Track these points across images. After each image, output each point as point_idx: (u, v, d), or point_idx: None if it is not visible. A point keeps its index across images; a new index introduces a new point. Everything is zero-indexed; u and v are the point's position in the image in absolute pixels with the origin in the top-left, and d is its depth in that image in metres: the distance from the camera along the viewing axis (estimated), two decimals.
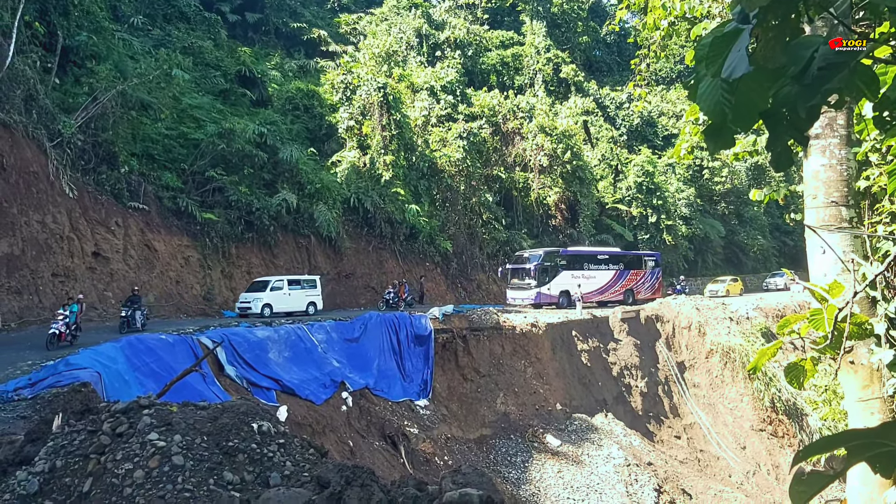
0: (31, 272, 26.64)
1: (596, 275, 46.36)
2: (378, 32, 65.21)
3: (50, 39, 31.73)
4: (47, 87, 30.98)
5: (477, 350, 33.67)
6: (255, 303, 31.51)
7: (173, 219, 34.57)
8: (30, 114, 28.87)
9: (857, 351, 6.55)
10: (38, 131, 28.66)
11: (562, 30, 78.12)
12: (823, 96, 3.12)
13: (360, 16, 70.13)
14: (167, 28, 48.11)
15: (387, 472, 22.64)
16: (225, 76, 45.98)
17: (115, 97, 31.95)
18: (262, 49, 56.38)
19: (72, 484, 7.26)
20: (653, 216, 62.17)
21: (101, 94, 31.54)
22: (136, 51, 40.61)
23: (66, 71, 33.97)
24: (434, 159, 49.75)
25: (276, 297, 32.57)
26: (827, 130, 7.04)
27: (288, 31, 60.99)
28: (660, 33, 16.42)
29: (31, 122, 28.55)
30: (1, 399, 14.74)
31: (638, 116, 73.49)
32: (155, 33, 46.68)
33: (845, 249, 6.71)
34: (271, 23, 60.25)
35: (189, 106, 39.14)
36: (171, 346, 21.07)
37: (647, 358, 42.13)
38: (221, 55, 48.23)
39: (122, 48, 38.57)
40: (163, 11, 49.57)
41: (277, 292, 32.67)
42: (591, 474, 29.81)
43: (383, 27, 67.01)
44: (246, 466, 7.54)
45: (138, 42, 42.43)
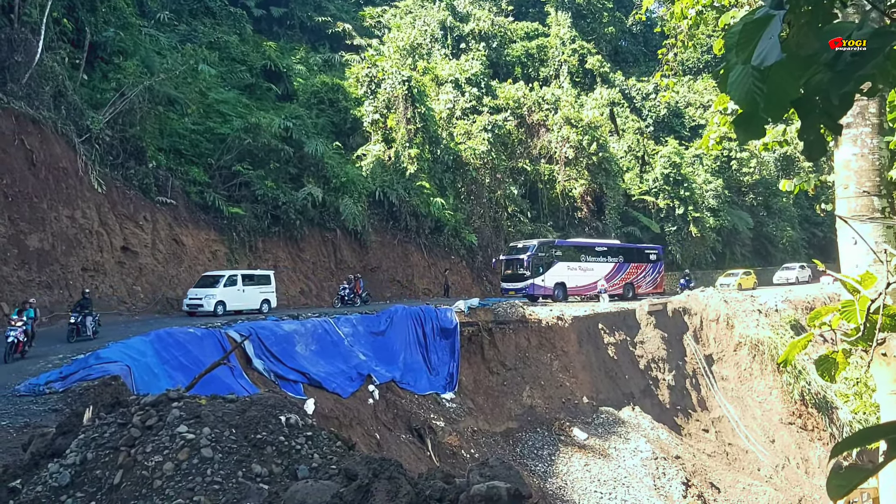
0: (62, 267, 26.97)
1: (594, 267, 45.59)
2: (402, 25, 65.18)
3: (78, 36, 32.05)
4: (76, 84, 31.31)
5: (503, 343, 33.64)
6: (207, 300, 28.65)
7: (200, 213, 34.83)
8: (59, 110, 29.21)
9: (890, 343, 6.43)
10: (66, 127, 28.99)
11: (587, 20, 77.61)
12: (856, 83, 3.06)
13: (385, 9, 70.11)
14: (193, 23, 48.40)
15: (413, 465, 22.70)
16: (250, 71, 46.20)
17: (143, 92, 32.22)
18: (288, 43, 56.56)
19: (103, 476, 7.33)
20: (680, 208, 61.66)
21: (129, 90, 31.83)
22: (162, 46, 40.91)
23: (94, 67, 34.31)
24: (459, 152, 49.68)
25: (230, 293, 29.66)
26: (858, 119, 6.93)
27: (313, 24, 61.13)
28: (687, 22, 16.25)
29: (60, 118, 28.88)
30: (33, 392, 14.96)
31: (665, 107, 72.84)
32: (181, 29, 46.98)
33: (877, 240, 6.60)
34: (296, 17, 60.40)
35: (215, 101, 39.38)
36: (200, 339, 21.24)
37: (674, 351, 41.86)
38: (247, 50, 48.46)
39: (148, 44, 38.86)
40: (189, 7, 49.88)
41: (231, 288, 29.70)
42: (619, 468, 29.69)
43: (408, 20, 66.94)
44: (274, 459, 7.59)
45: (165, 38, 42.73)
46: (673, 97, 70.44)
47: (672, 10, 16.65)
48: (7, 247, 25.02)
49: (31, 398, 14.64)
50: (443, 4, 68.08)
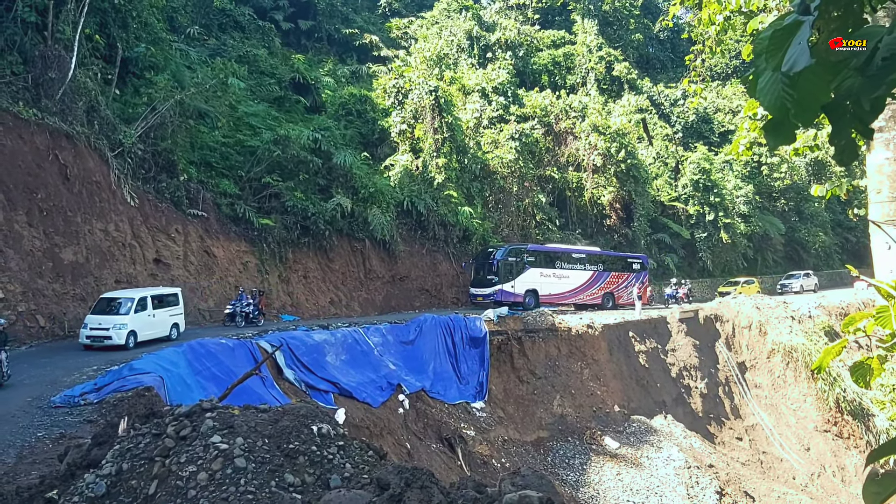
0: (95, 279, 27.34)
1: (570, 275, 43.46)
2: (429, 36, 65.42)
3: (110, 52, 32.53)
4: (108, 99, 31.77)
5: (532, 352, 33.56)
6: (117, 330, 22.68)
7: (231, 225, 35.14)
8: (92, 125, 29.65)
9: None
10: (99, 142, 29.42)
11: (614, 27, 77.43)
12: (888, 87, 3.05)
13: (411, 20, 70.42)
14: (222, 37, 49.00)
15: (444, 474, 22.69)
16: (279, 83, 46.62)
17: (174, 107, 32.60)
18: (315, 56, 57.01)
19: (138, 486, 7.42)
20: (710, 214, 61.13)
21: (160, 104, 32.23)
22: (192, 61, 41.43)
23: (126, 82, 34.80)
24: (486, 161, 49.70)
25: (141, 320, 23.71)
26: (890, 123, 6.86)
27: (340, 37, 61.58)
28: (715, 28, 16.19)
29: (93, 133, 29.33)
30: (68, 404, 15.17)
31: (693, 113, 72.37)
32: (211, 43, 47.57)
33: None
34: (324, 30, 60.89)
35: (245, 114, 39.76)
36: (231, 350, 21.44)
37: (706, 358, 41.54)
38: (276, 63, 48.92)
39: (179, 58, 39.36)
40: (218, 21, 50.50)
41: (142, 314, 23.74)
42: (651, 477, 29.47)
43: (434, 30, 67.20)
44: (306, 468, 7.63)
45: (195, 52, 43.28)
46: (701, 103, 69.95)
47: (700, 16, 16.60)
48: (42, 260, 25.41)
49: (67, 409, 14.86)
50: (469, 14, 68.24)
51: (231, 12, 51.49)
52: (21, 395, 15.97)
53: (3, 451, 11.91)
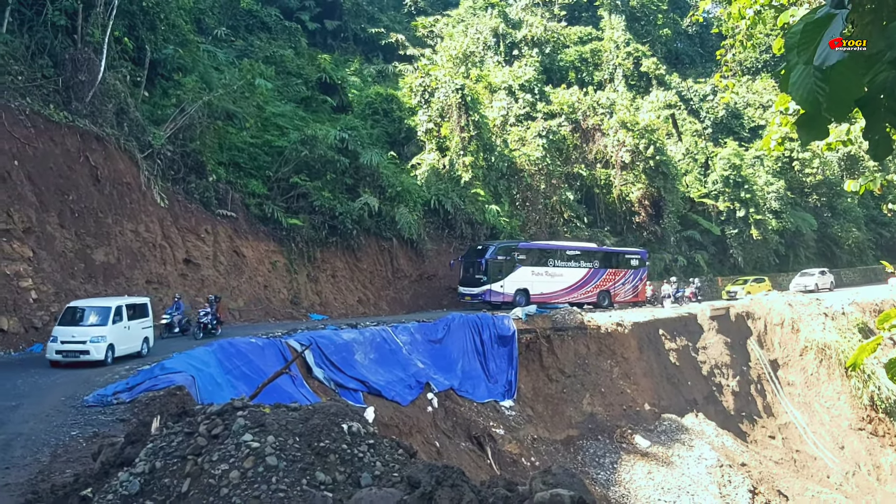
0: (127, 280, 27.66)
1: (563, 272, 41.65)
2: (455, 34, 65.35)
3: (138, 54, 32.87)
4: (137, 101, 32.12)
5: (561, 350, 33.46)
6: (95, 344, 19.88)
7: (260, 225, 35.39)
8: (121, 126, 30.01)
9: None
10: (129, 143, 29.77)
11: (641, 23, 76.84)
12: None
13: (437, 18, 70.39)
14: (249, 38, 49.33)
15: (473, 473, 22.69)
16: (306, 84, 46.86)
17: (202, 108, 32.89)
18: (342, 55, 57.18)
19: (171, 484, 7.50)
20: (741, 210, 60.45)
21: (189, 106, 32.53)
22: (220, 62, 41.76)
23: (155, 84, 35.17)
24: (513, 159, 49.59)
25: (119, 332, 20.82)
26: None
27: (366, 36, 61.73)
28: (746, 22, 16.00)
29: (123, 135, 29.67)
30: (101, 403, 15.34)
31: (723, 108, 71.62)
32: (238, 44, 47.91)
33: None
34: (350, 29, 61.07)
35: (272, 114, 40.02)
36: (261, 349, 21.59)
37: (738, 356, 41.19)
38: (302, 63, 49.17)
39: (206, 60, 39.69)
40: (245, 22, 50.84)
41: (119, 325, 20.86)
42: (683, 475, 29.28)
43: (460, 28, 67.10)
44: (337, 467, 7.66)
45: (222, 53, 43.62)
46: (732, 98, 69.21)
47: (730, 11, 16.41)
48: (74, 261, 25.76)
49: (100, 408, 15.02)
50: (495, 12, 68.07)
51: (258, 13, 51.82)
52: (55, 394, 16.19)
53: (37, 450, 12.08)
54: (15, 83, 26.14)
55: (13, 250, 23.42)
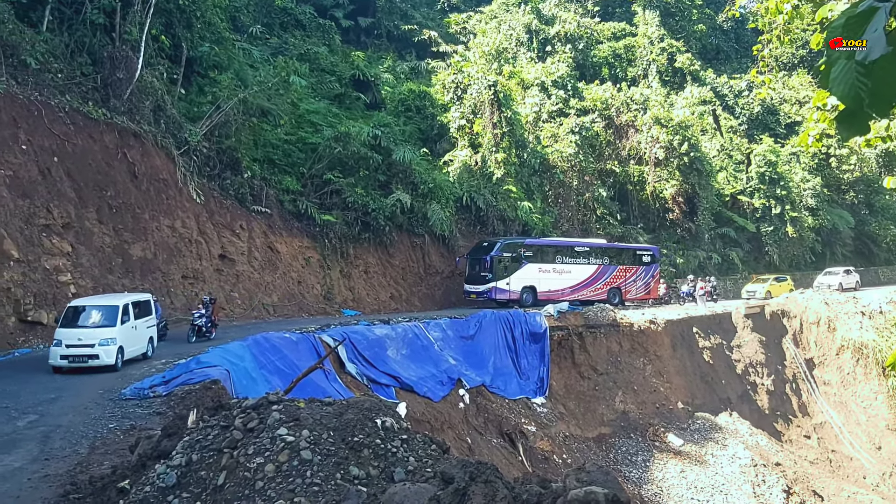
0: (163, 275, 28.03)
1: (571, 269, 40.54)
2: (488, 30, 65.18)
3: (175, 52, 33.24)
4: (174, 98, 32.49)
5: (594, 347, 33.32)
6: (105, 347, 18.40)
7: (294, 221, 35.64)
8: (158, 123, 30.40)
9: None
10: (166, 140, 30.15)
11: (676, 18, 76.07)
12: None
13: (470, 15, 70.27)
14: (284, 36, 49.64)
15: (505, 469, 22.66)
16: (340, 81, 47.05)
17: (237, 105, 33.18)
18: (375, 52, 57.32)
19: (207, 477, 7.58)
20: (776, 207, 59.60)
21: (224, 103, 32.83)
22: (255, 59, 42.07)
23: (191, 81, 35.54)
24: (546, 155, 49.39)
25: (127, 333, 19.27)
26: None
27: (399, 33, 61.79)
28: (783, 17, 15.79)
29: (160, 132, 30.07)
30: (138, 396, 15.57)
31: (759, 104, 70.66)
32: (273, 41, 48.23)
33: None
34: (383, 26, 61.17)
35: (306, 111, 40.25)
36: (295, 344, 21.76)
37: (772, 355, 40.72)
38: (336, 60, 49.38)
39: (242, 57, 40.01)
40: (279, 20, 51.16)
41: (127, 325, 19.27)
42: (716, 474, 29.05)
43: (493, 25, 66.92)
44: (371, 461, 7.70)
45: (257, 51, 43.94)
46: (768, 94, 68.26)
47: (766, 5, 16.20)
48: (112, 256, 26.15)
49: (136, 402, 15.24)
50: (528, 8, 67.80)
51: (292, 11, 52.11)
52: (93, 387, 16.45)
53: (76, 442, 12.28)
54: (55, 81, 26.61)
55: (53, 245, 23.84)
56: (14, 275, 22.07)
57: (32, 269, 22.76)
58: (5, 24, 24.94)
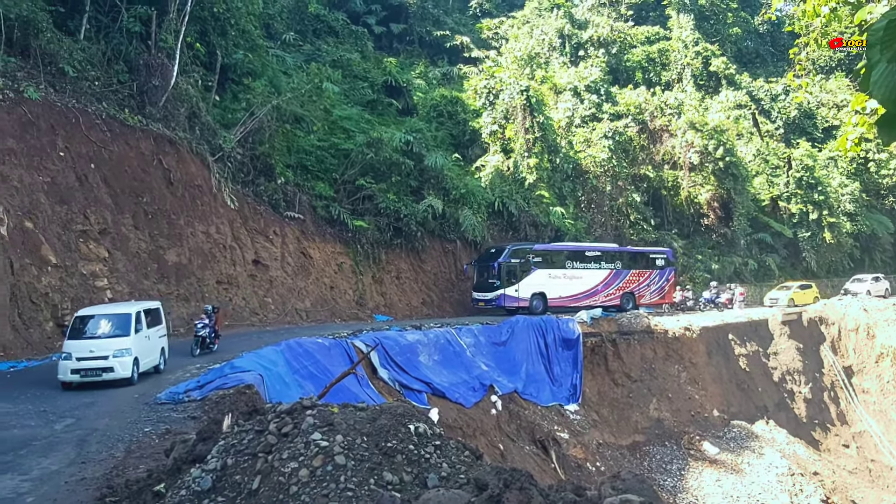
0: (198, 280, 28.27)
1: (582, 275, 39.12)
2: (520, 35, 65.10)
3: (209, 59, 33.61)
4: (208, 105, 32.84)
5: (627, 354, 33.04)
6: (120, 359, 17.12)
7: (327, 227, 35.80)
8: (193, 130, 30.73)
9: None
10: (201, 147, 30.46)
11: (710, 22, 75.34)
12: None
13: (502, 20, 70.24)
14: (317, 43, 50.00)
15: (538, 477, 22.40)
16: (372, 87, 47.27)
17: (271, 112, 33.43)
18: (407, 58, 57.52)
19: (242, 482, 7.58)
20: (814, 213, 58.69)
21: (258, 109, 33.10)
22: (288, 66, 42.42)
23: (225, 88, 35.91)
24: (578, 160, 49.15)
25: (141, 343, 18.07)
26: None
27: (431, 39, 61.93)
28: (820, 20, 15.53)
29: (195, 138, 30.39)
30: (173, 400, 15.67)
31: (795, 108, 69.66)
32: (306, 48, 48.60)
33: None
34: (415, 32, 61.36)
35: (339, 117, 40.47)
36: (328, 349, 21.82)
37: (810, 362, 40.11)
38: (368, 66, 49.63)
39: (275, 64, 40.36)
40: (312, 27, 51.57)
41: (141, 335, 18.09)
42: (752, 483, 28.66)
43: (525, 30, 66.83)
44: (404, 467, 7.64)
45: (290, 58, 44.30)
46: (805, 98, 67.28)
47: (804, 8, 15.94)
48: (148, 262, 26.43)
49: (172, 406, 15.35)
50: (561, 12, 67.59)
51: (325, 18, 52.51)
52: (129, 391, 16.60)
53: (112, 446, 12.38)
54: (92, 88, 27.01)
55: (90, 251, 24.16)
56: (52, 280, 22.39)
57: (70, 274, 23.07)
58: (44, 32, 25.37)
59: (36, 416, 14.28)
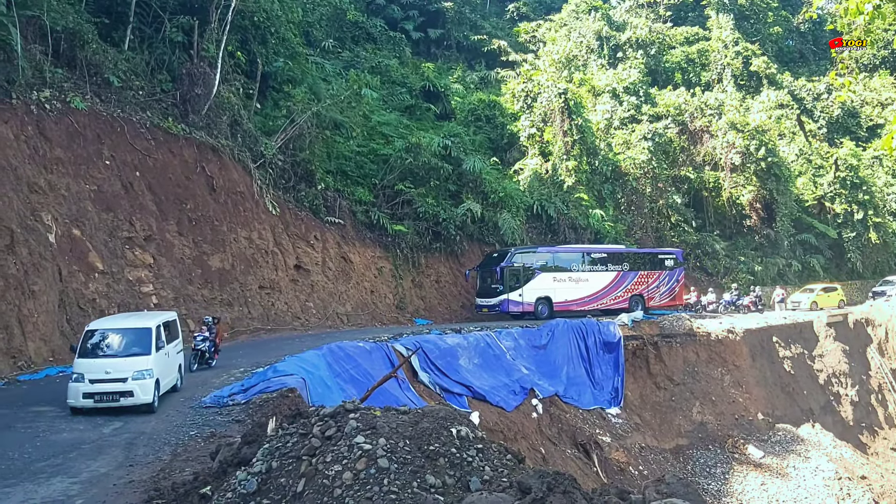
0: (241, 285, 28.63)
1: (589, 277, 37.97)
2: (557, 38, 64.99)
3: (250, 67, 34.03)
4: (249, 112, 33.25)
5: (669, 357, 32.73)
6: (140, 382, 14.93)
7: (366, 231, 36.03)
8: (235, 138, 31.14)
9: None
10: (242, 154, 30.86)
11: (750, 21, 74.41)
12: None
13: (539, 23, 70.17)
14: (355, 49, 50.40)
15: (580, 481, 22.31)
16: (410, 92, 47.49)
17: (311, 118, 33.73)
18: (445, 63, 57.72)
19: (287, 484, 7.70)
20: (859, 213, 57.56)
21: (298, 116, 33.42)
22: (327, 73, 42.80)
23: (266, 96, 36.34)
24: (618, 162, 48.88)
25: (162, 362, 15.92)
26: None
27: (469, 44, 62.08)
28: (864, 17, 15.28)
29: (237, 146, 30.79)
30: (217, 404, 15.87)
31: (839, 107, 68.39)
32: (344, 55, 49.01)
33: None
34: (453, 37, 61.53)
35: (378, 123, 40.73)
36: (369, 353, 21.95)
37: (857, 365, 39.40)
38: (406, 72, 49.89)
39: (315, 71, 40.73)
40: (351, 34, 51.98)
41: (161, 352, 15.92)
42: (798, 488, 28.23)
43: (563, 33, 66.68)
44: (447, 470, 7.70)
45: (330, 65, 44.70)
46: (848, 96, 66.06)
47: (846, 6, 15.71)
48: (192, 267, 26.84)
49: (216, 409, 15.54)
50: (598, 15, 67.32)
51: (363, 24, 52.90)
52: (175, 395, 16.86)
53: (159, 449, 12.61)
54: (136, 98, 27.54)
55: (135, 257, 24.61)
56: (99, 286, 22.84)
57: (116, 280, 23.51)
58: (89, 44, 25.91)
59: (84, 419, 14.55)
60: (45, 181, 22.37)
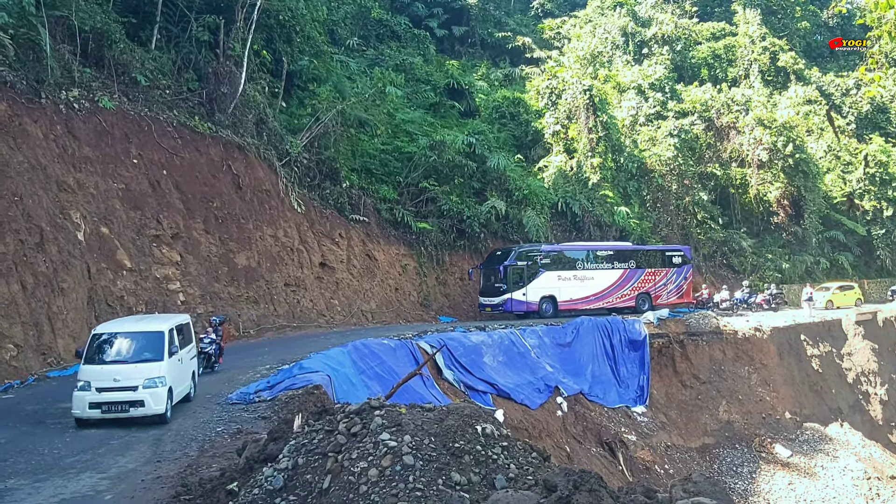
0: (266, 283, 28.80)
1: (594, 276, 37.31)
2: (582, 35, 64.70)
3: (276, 66, 34.19)
4: (275, 111, 33.42)
5: (696, 355, 32.52)
6: (152, 390, 13.79)
7: (391, 229, 36.11)
8: (261, 136, 31.33)
9: None
10: (268, 152, 31.04)
11: (778, 16, 73.59)
12: None
13: (564, 20, 69.86)
14: (380, 47, 50.46)
15: (606, 479, 22.27)
16: (434, 90, 47.46)
17: (336, 117, 33.85)
18: (469, 61, 57.65)
19: (313, 481, 7.74)
20: (888, 209, 56.83)
21: (323, 115, 33.55)
22: (352, 71, 42.91)
23: (291, 94, 36.52)
24: (643, 159, 48.59)
25: (175, 368, 14.80)
26: None
27: (493, 41, 61.95)
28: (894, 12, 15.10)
29: (263, 144, 30.97)
30: (243, 401, 15.97)
31: (868, 103, 67.40)
32: (369, 53, 49.12)
33: None
34: (477, 34, 61.45)
35: (402, 121, 40.76)
36: (393, 350, 22.01)
37: (886, 363, 38.94)
38: (431, 70, 49.87)
39: (339, 70, 40.85)
40: (375, 32, 52.08)
41: (174, 357, 14.70)
42: (826, 487, 27.96)
43: (587, 29, 66.34)
44: (472, 468, 7.69)
45: (354, 63, 44.79)
46: (878, 92, 65.06)
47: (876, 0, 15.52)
48: (218, 265, 27.04)
49: (242, 406, 15.64)
50: (624, 11, 66.87)
51: (388, 22, 52.95)
52: (201, 391, 16.99)
53: (186, 445, 12.70)
54: (163, 97, 27.77)
55: (163, 255, 24.84)
56: (127, 283, 23.07)
57: (144, 277, 23.73)
58: (117, 43, 26.14)
59: None
60: (73, 180, 22.60)
